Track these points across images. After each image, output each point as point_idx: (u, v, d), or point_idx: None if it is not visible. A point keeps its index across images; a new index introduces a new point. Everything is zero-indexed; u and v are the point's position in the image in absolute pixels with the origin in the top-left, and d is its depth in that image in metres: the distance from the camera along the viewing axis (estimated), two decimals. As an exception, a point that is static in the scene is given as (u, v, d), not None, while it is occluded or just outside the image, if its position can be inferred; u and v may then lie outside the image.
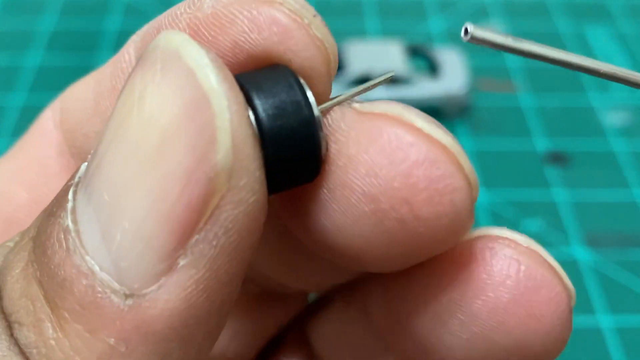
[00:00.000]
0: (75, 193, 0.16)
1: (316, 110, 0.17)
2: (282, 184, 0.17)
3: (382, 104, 0.18)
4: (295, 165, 0.17)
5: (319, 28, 0.18)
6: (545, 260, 0.20)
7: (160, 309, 0.15)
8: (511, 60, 0.76)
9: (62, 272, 0.15)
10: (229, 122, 0.15)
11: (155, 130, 0.15)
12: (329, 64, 0.18)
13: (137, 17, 0.80)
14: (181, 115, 0.15)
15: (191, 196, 0.15)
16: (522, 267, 0.19)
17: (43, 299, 0.16)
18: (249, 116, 0.16)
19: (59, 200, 0.17)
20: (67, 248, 0.16)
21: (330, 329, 0.24)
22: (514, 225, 0.60)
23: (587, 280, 0.55)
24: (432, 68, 0.70)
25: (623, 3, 0.83)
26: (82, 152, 0.24)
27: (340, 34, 0.75)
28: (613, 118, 0.70)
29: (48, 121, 0.25)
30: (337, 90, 0.70)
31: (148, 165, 0.15)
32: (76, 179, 0.17)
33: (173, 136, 0.15)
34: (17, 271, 0.17)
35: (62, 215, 0.16)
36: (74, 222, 0.16)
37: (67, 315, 0.15)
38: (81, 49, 0.76)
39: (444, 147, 0.17)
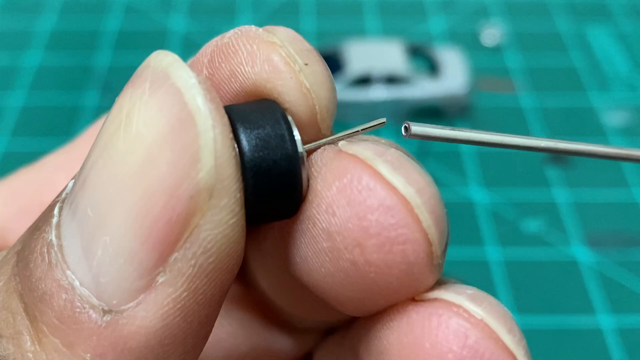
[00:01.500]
0: (61, 209, 0.17)
1: (300, 147, 0.17)
2: (262, 216, 0.17)
3: (361, 145, 0.18)
4: (275, 198, 0.17)
5: (308, 76, 0.18)
6: (497, 337, 0.17)
7: (137, 326, 0.15)
8: (512, 60, 0.76)
9: (43, 285, 0.16)
10: (213, 141, 0.15)
11: (140, 147, 0.15)
12: (313, 114, 0.18)
13: (137, 17, 0.80)
14: (166, 133, 0.15)
15: (172, 213, 0.15)
16: (469, 342, 0.17)
17: (23, 312, 0.16)
18: (232, 138, 0.16)
19: (45, 216, 0.17)
20: (49, 262, 0.16)
21: (329, 356, 0.24)
22: (513, 225, 0.60)
23: (587, 280, 0.55)
24: (432, 68, 0.70)
25: (624, 3, 0.83)
26: None
27: (340, 34, 0.75)
28: (613, 118, 0.69)
29: None
30: (337, 89, 0.69)
31: (131, 181, 0.15)
32: (63, 195, 0.17)
33: (157, 153, 0.15)
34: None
35: (46, 230, 0.16)
36: (58, 237, 0.16)
37: (45, 329, 0.16)
38: (81, 49, 0.76)
39: (402, 197, 0.16)
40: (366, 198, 0.17)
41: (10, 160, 0.63)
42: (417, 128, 0.18)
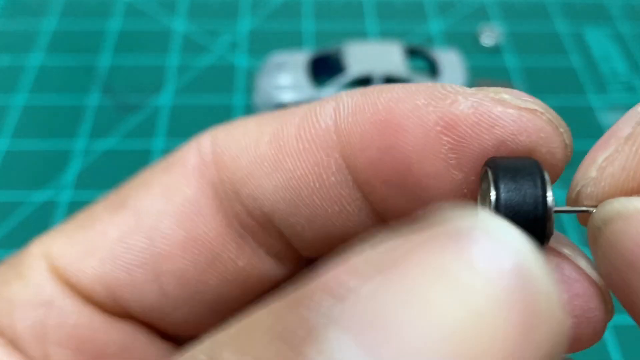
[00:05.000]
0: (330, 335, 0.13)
1: (550, 202, 0.20)
2: None
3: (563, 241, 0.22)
4: None
5: (569, 136, 0.22)
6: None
7: None
8: (510, 61, 0.76)
9: None
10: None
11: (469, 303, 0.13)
12: (567, 162, 0.22)
13: (138, 18, 0.81)
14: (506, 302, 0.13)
15: None
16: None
17: None
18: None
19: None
20: None
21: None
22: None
23: (585, 279, 0.56)
24: (431, 69, 0.70)
25: (622, 4, 0.83)
26: (241, 196, 0.23)
27: (340, 35, 0.76)
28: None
29: (195, 157, 0.25)
30: (335, 90, 0.69)
31: (456, 335, 0.12)
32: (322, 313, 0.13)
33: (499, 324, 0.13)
34: None
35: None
36: None
37: None
38: (82, 50, 0.76)
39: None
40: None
41: (11, 161, 0.64)
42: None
